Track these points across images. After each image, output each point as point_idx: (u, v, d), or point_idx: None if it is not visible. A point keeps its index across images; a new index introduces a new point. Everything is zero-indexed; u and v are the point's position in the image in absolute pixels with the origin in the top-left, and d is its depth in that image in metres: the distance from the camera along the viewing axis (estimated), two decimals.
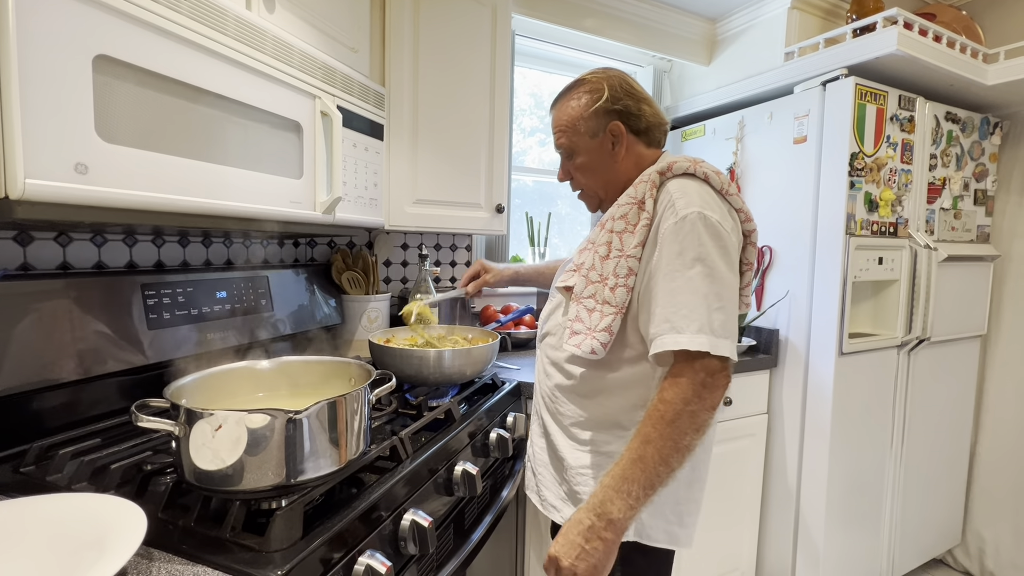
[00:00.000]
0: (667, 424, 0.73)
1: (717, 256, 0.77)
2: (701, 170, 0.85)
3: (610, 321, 0.83)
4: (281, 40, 0.95)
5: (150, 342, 0.97)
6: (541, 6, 1.77)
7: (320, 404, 0.65)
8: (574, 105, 0.93)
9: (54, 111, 0.61)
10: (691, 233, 0.77)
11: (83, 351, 0.87)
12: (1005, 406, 2.00)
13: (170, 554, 0.58)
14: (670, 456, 0.73)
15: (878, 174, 1.62)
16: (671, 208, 0.80)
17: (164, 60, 0.74)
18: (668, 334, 0.76)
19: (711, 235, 0.78)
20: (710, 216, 0.78)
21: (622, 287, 0.83)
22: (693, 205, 0.79)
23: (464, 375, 1.17)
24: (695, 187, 0.82)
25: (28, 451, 0.78)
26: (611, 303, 0.83)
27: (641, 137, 0.94)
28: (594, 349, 0.83)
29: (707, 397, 0.74)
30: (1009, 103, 1.88)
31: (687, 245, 0.77)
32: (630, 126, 0.92)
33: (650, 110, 0.94)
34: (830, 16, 1.90)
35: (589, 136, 0.93)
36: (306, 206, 1.05)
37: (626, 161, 0.93)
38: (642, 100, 0.93)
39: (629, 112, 0.91)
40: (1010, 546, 1.97)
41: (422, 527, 0.75)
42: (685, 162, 0.86)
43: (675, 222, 0.78)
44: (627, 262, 0.83)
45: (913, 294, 1.73)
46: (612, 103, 0.91)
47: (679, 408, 0.73)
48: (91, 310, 0.89)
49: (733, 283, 0.79)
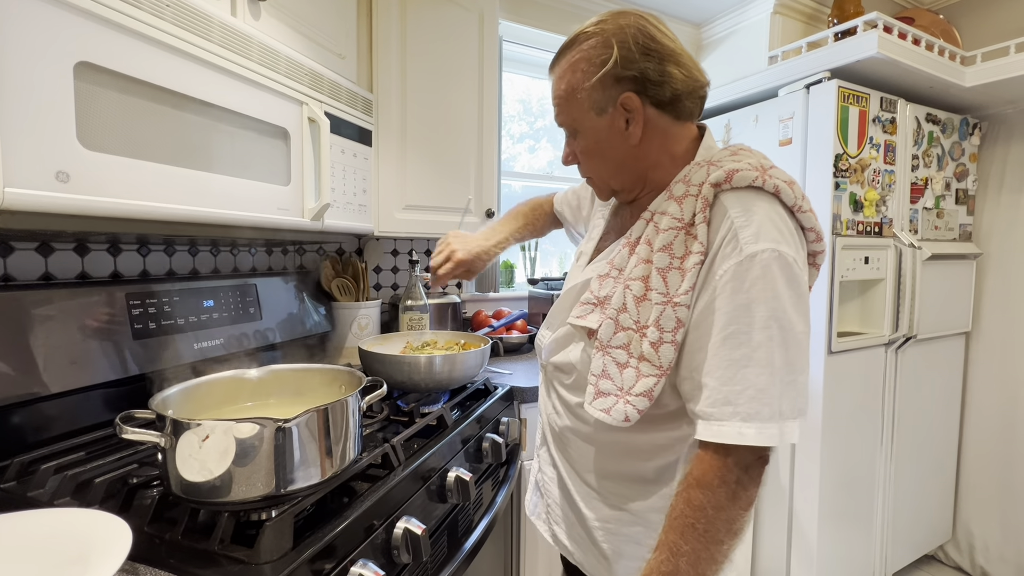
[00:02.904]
0: (698, 536, 0.59)
1: (794, 309, 0.59)
2: (771, 182, 0.63)
3: (651, 384, 0.64)
4: (267, 46, 0.95)
5: (135, 353, 0.95)
6: (528, 12, 1.78)
7: (310, 412, 0.64)
8: (575, 67, 0.71)
9: (34, 118, 0.60)
10: (762, 280, 0.58)
11: (66, 363, 0.85)
12: (988, 402, 2.03)
13: (157, 569, 0.56)
14: (707, 569, 0.59)
15: (862, 175, 1.64)
16: (733, 241, 0.60)
17: (148, 67, 0.73)
18: (730, 421, 0.58)
19: (788, 282, 0.59)
20: (786, 254, 0.59)
21: (668, 344, 0.63)
22: (764, 239, 0.59)
23: (456, 381, 1.17)
24: (765, 209, 0.61)
25: (9, 466, 0.76)
26: (652, 362, 0.64)
27: (667, 110, 0.70)
28: (628, 416, 0.65)
29: (743, 496, 0.59)
30: (987, 104, 1.92)
31: (757, 297, 0.58)
32: (650, 97, 0.69)
33: (679, 73, 0.69)
34: (812, 20, 1.93)
35: (595, 112, 0.71)
36: (294, 213, 1.04)
37: (647, 144, 0.71)
38: (667, 58, 0.68)
39: (647, 79, 0.68)
40: (998, 540, 2.00)
41: (415, 535, 0.74)
42: (749, 169, 0.63)
43: (739, 262, 0.59)
44: (675, 312, 0.63)
45: (899, 292, 1.75)
46: (624, 68, 0.67)
47: (711, 516, 0.58)
48: (74, 321, 0.88)
49: (807, 341, 0.61)
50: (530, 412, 1.35)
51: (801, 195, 0.65)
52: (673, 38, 0.71)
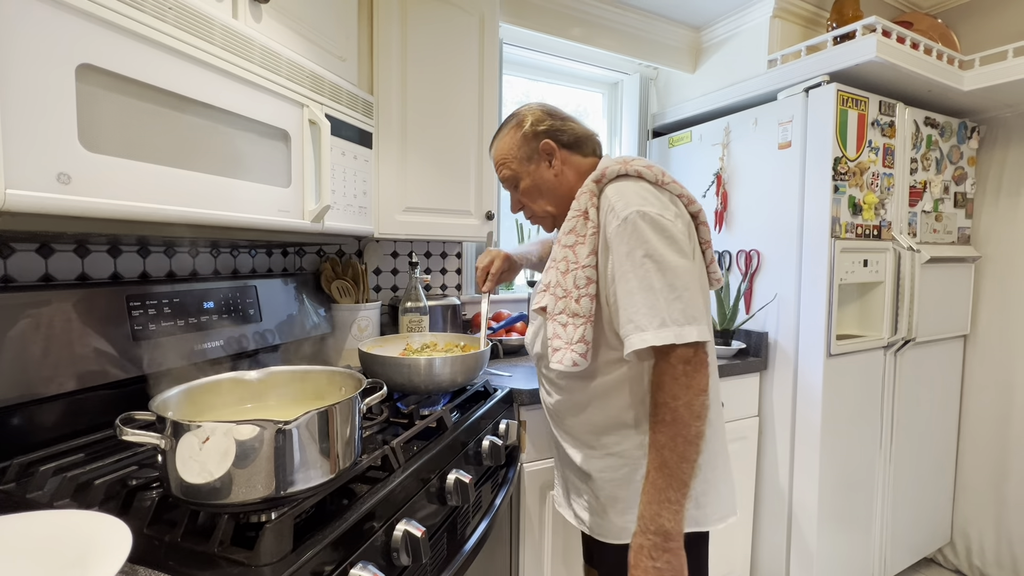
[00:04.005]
0: (669, 425, 0.77)
1: (664, 247, 0.80)
2: (633, 168, 0.88)
3: (583, 332, 0.86)
4: (268, 49, 0.95)
5: (135, 354, 0.95)
6: (528, 15, 1.78)
7: (310, 414, 0.64)
8: (506, 138, 1.02)
9: (36, 120, 0.60)
10: (634, 232, 0.81)
11: (66, 364, 0.85)
12: (985, 406, 2.04)
13: (156, 571, 0.56)
14: (686, 450, 0.77)
15: (861, 178, 1.65)
16: (612, 212, 0.84)
17: (150, 69, 0.73)
18: (634, 334, 0.79)
19: (653, 229, 0.81)
20: (648, 211, 0.82)
21: (585, 296, 0.86)
22: (632, 205, 0.82)
23: (455, 383, 1.17)
24: (631, 187, 0.86)
25: (8, 468, 0.76)
26: (579, 314, 0.87)
27: (574, 150, 1.00)
28: (575, 361, 0.87)
29: (692, 384, 0.77)
30: (985, 108, 1.93)
31: (633, 244, 0.81)
32: (560, 141, 0.99)
33: (575, 125, 1.01)
34: (811, 24, 1.94)
35: (527, 161, 1.00)
36: (295, 215, 1.04)
37: (566, 174, 0.99)
38: (566, 119, 1.01)
39: (555, 129, 0.99)
40: (993, 544, 2.00)
41: (415, 537, 0.74)
42: (616, 165, 0.89)
43: (618, 225, 0.83)
44: (584, 272, 0.86)
45: (898, 295, 1.75)
46: (536, 126, 0.99)
47: (671, 405, 0.77)
48: (74, 322, 0.88)
49: (687, 269, 0.81)
50: (530, 414, 1.35)
51: (661, 172, 0.89)
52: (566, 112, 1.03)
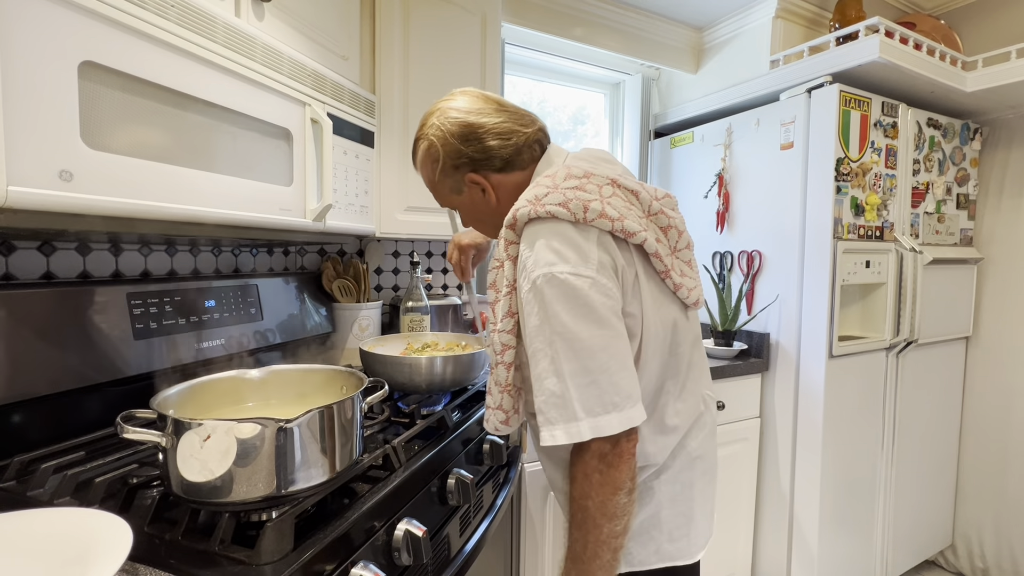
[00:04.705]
0: (579, 524, 0.68)
1: (574, 321, 0.66)
2: (544, 209, 0.69)
3: (500, 400, 0.77)
4: (271, 47, 0.95)
5: (136, 352, 0.95)
6: (531, 15, 1.78)
7: (311, 413, 0.64)
8: (425, 168, 0.86)
9: (38, 117, 0.60)
10: (541, 304, 0.67)
11: (67, 362, 0.85)
12: (986, 408, 2.03)
13: (157, 569, 0.56)
14: (598, 551, 0.67)
15: (863, 179, 1.64)
16: (524, 272, 0.70)
17: (152, 67, 0.73)
18: (543, 428, 0.67)
19: (563, 299, 0.66)
20: (558, 273, 0.66)
21: (501, 365, 0.75)
22: (539, 265, 0.67)
23: (457, 382, 1.17)
24: (543, 233, 0.69)
25: (8, 466, 0.76)
26: (498, 382, 0.76)
27: (506, 170, 0.82)
28: (496, 427, 0.79)
29: (607, 482, 0.66)
30: (988, 109, 1.92)
31: (542, 318, 0.67)
32: (489, 168, 0.81)
33: (499, 141, 0.80)
34: (813, 25, 1.93)
35: (455, 193, 0.85)
36: (296, 213, 1.04)
37: (505, 199, 0.82)
38: (484, 136, 0.79)
39: (475, 160, 0.80)
40: (992, 547, 1.99)
41: (416, 537, 0.74)
42: (525, 205, 0.70)
43: (528, 290, 0.68)
44: (499, 337, 0.74)
45: (900, 297, 1.75)
46: (453, 159, 0.81)
47: (581, 503, 0.67)
48: (75, 320, 0.88)
49: (604, 345, 0.67)
50: None
51: (582, 207, 0.68)
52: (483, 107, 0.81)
